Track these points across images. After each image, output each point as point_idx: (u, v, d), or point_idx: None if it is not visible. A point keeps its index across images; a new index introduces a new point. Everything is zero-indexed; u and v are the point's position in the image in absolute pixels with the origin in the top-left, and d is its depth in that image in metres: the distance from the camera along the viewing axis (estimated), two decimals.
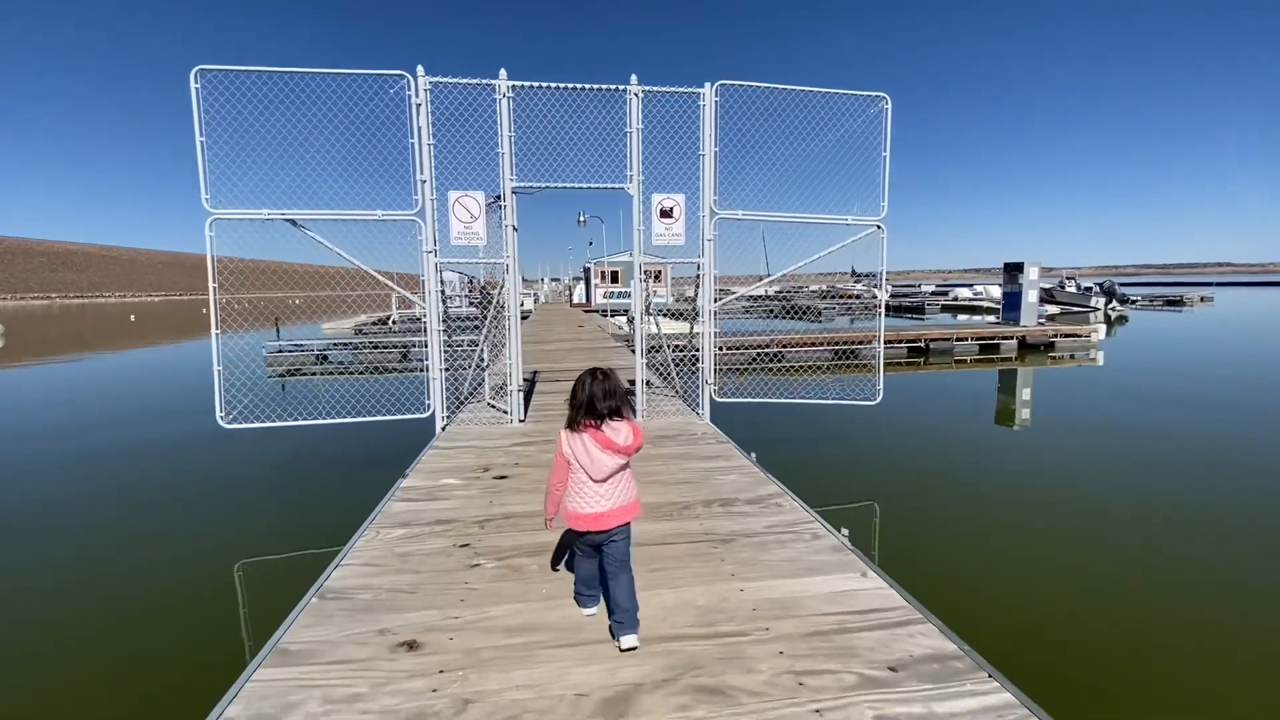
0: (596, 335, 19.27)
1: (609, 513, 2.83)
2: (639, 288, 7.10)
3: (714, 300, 7.26)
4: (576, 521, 2.85)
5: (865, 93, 7.24)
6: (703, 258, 7.21)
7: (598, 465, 2.81)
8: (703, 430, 6.79)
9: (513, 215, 6.83)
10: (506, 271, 6.91)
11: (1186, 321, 34.23)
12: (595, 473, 2.81)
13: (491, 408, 7.95)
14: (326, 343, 19.91)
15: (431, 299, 6.81)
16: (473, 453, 6.02)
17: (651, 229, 7.03)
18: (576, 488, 2.85)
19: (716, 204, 7.11)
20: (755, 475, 5.18)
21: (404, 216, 6.68)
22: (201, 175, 6.32)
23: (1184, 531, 6.32)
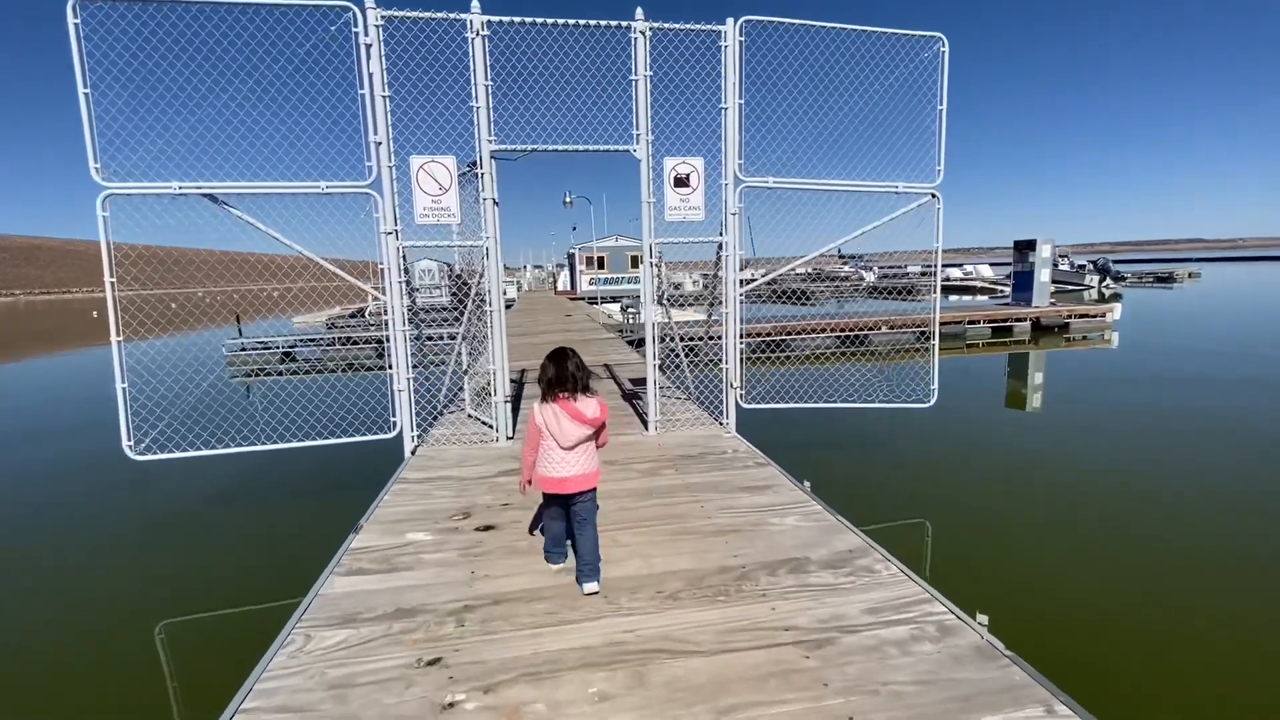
0: (586, 325, 17.94)
1: (573, 478, 3.13)
2: (650, 272, 5.81)
3: (739, 285, 6.00)
4: (545, 484, 3.17)
5: (917, 32, 5.97)
6: (725, 235, 5.93)
7: (566, 434, 3.10)
8: (733, 447, 5.56)
9: (492, 186, 5.49)
10: (486, 256, 5.58)
11: (1182, 298, 33.72)
12: (563, 440, 3.10)
13: (473, 420, 6.66)
14: (293, 339, 18.39)
15: (393, 291, 5.47)
16: (449, 488, 4.73)
17: (664, 202, 5.73)
18: (545, 454, 3.15)
19: (742, 169, 5.82)
20: (821, 518, 3.97)
21: (355, 189, 5.31)
22: (89, 139, 4.90)
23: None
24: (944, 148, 6.12)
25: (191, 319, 5.81)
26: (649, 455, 5.38)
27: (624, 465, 5.12)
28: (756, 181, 5.85)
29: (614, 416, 6.82)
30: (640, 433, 6.10)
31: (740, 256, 5.96)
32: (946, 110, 6.08)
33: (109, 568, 5.73)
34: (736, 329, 6.04)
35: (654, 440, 5.84)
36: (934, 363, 6.51)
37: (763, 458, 5.21)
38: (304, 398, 6.37)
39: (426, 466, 5.24)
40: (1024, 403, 11.27)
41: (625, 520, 4.01)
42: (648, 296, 5.85)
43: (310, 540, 5.86)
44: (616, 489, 4.58)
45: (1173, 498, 6.64)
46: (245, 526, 6.42)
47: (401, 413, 5.63)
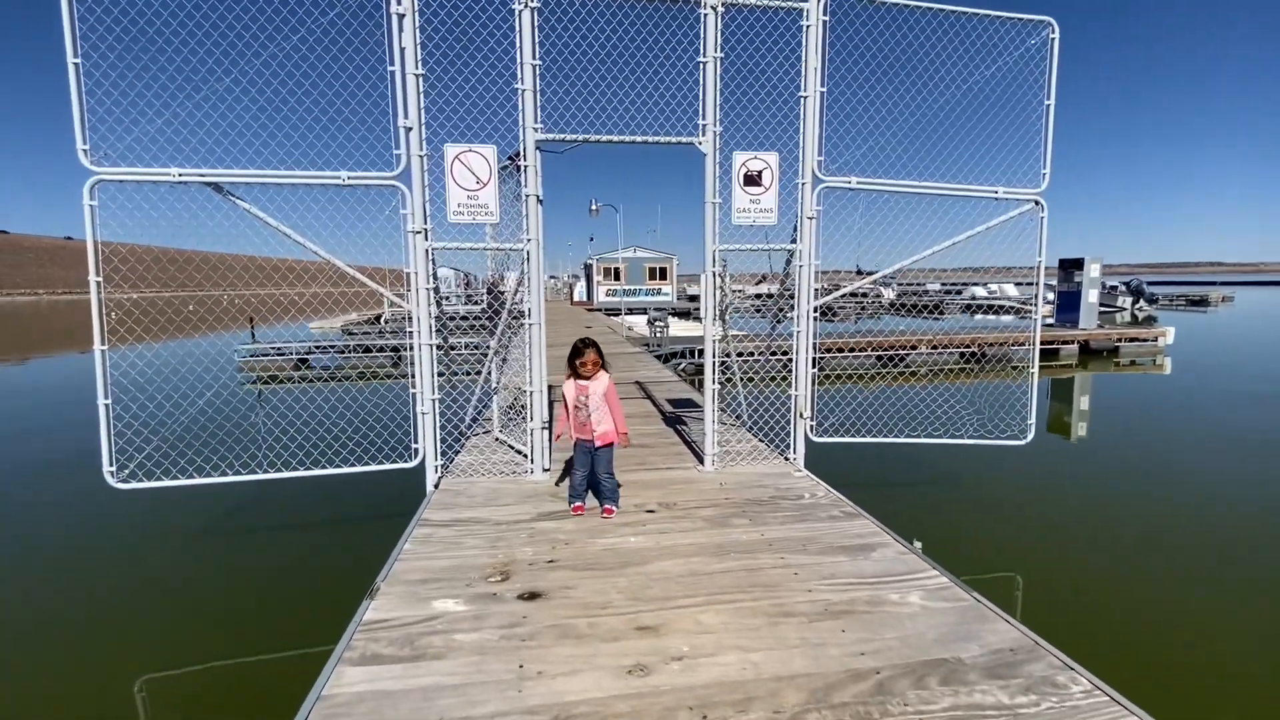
0: (609, 338, 17.20)
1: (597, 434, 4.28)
2: (712, 283, 5.04)
3: (812, 298, 5.22)
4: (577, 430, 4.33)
5: (1024, 16, 5.21)
6: (800, 243, 5.16)
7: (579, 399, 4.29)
8: (809, 489, 4.75)
9: (536, 181, 4.77)
10: (527, 260, 4.85)
11: (1221, 322, 32.47)
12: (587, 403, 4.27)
13: (502, 444, 5.90)
14: (307, 345, 17.82)
15: (420, 299, 4.74)
16: (481, 534, 3.96)
17: (731, 202, 4.98)
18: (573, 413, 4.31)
19: (822, 167, 5.07)
20: (955, 596, 3.15)
21: (380, 181, 4.61)
22: (77, 116, 4.24)
23: None
24: (1050, 148, 5.34)
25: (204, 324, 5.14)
26: (710, 498, 4.58)
27: (684, 511, 4.33)
28: (838, 181, 5.09)
29: (658, 446, 6.04)
30: (695, 468, 5.31)
31: (815, 268, 5.18)
32: (1054, 106, 5.30)
33: (85, 612, 5.00)
34: (809, 351, 5.25)
35: (713, 478, 5.04)
36: (1033, 394, 5.68)
37: (850, 505, 4.40)
38: (315, 413, 5.64)
39: (453, 504, 4.47)
40: (1081, 432, 10.34)
41: (702, 590, 3.22)
42: (708, 311, 5.09)
43: (316, 583, 5.12)
44: (682, 543, 3.79)
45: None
46: (242, 565, 5.64)
47: (425, 439, 4.88)
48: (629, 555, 3.63)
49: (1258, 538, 6.15)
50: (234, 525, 6.37)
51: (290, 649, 4.37)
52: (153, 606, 4.99)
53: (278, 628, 4.58)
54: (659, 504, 4.44)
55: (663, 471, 5.23)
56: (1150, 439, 9.85)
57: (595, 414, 4.26)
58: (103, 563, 5.71)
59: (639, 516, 4.22)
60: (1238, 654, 4.34)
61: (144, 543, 6.07)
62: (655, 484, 4.89)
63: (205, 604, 4.97)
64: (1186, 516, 6.74)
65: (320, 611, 4.28)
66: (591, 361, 4.29)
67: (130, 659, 4.43)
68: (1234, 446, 9.14)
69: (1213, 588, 5.23)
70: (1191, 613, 4.88)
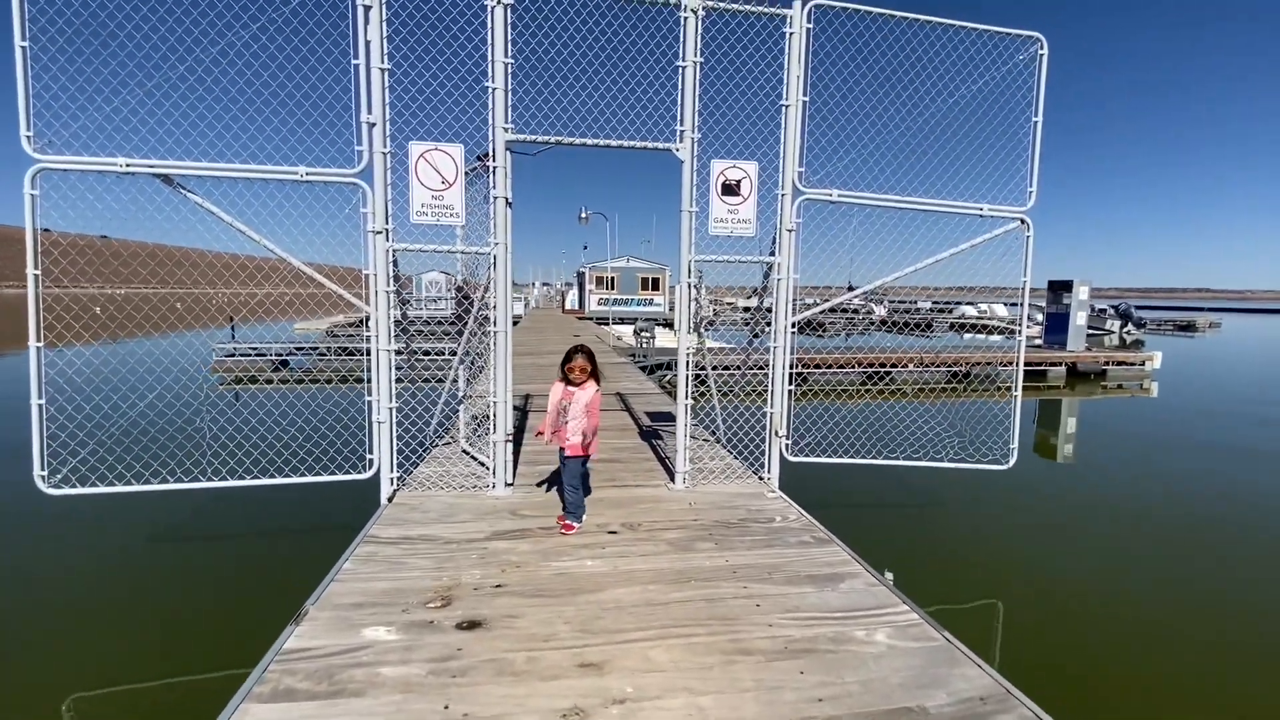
0: (596, 347, 16.99)
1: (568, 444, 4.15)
2: (688, 294, 4.86)
3: (790, 312, 5.04)
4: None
5: (1012, 30, 5.10)
6: (779, 255, 4.99)
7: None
8: (781, 511, 4.54)
9: (505, 183, 4.58)
10: (494, 264, 4.65)
11: (1209, 347, 32.68)
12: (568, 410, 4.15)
13: (467, 457, 5.67)
14: (287, 346, 17.52)
15: (379, 301, 4.53)
16: (429, 554, 3.72)
17: (708, 211, 4.81)
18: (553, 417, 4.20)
19: (802, 179, 4.91)
20: (925, 635, 2.94)
21: (340, 177, 4.41)
22: (22, 101, 4.02)
23: None
24: (1038, 166, 5.22)
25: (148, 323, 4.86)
26: (678, 518, 4.37)
27: (648, 533, 4.11)
28: (818, 194, 4.94)
29: (630, 461, 5.83)
30: (665, 485, 5.10)
31: (794, 281, 5.01)
32: (1042, 123, 5.18)
33: (13, 625, 4.71)
34: (785, 367, 5.07)
35: (683, 497, 4.83)
36: (1016, 417, 5.52)
37: (822, 530, 4.20)
38: (279, 417, 5.38)
39: (404, 520, 4.23)
40: (1068, 454, 10.21)
41: (656, 622, 3.00)
42: (683, 322, 4.90)
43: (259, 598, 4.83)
44: (641, 569, 3.57)
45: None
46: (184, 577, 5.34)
47: (380, 449, 4.65)
48: (583, 581, 3.41)
49: (1250, 567, 6.00)
50: (180, 534, 6.06)
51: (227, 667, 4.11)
52: (86, 620, 4.70)
53: (215, 646, 4.31)
54: (623, 524, 4.23)
55: (632, 489, 5.02)
56: (1137, 464, 9.73)
57: (573, 422, 4.14)
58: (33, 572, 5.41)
59: (599, 538, 4.00)
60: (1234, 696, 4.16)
61: (78, 552, 5.75)
62: (622, 502, 4.68)
63: (141, 618, 4.69)
64: (1174, 544, 6.59)
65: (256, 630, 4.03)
66: (579, 368, 4.19)
67: (60, 676, 4.17)
68: (1224, 471, 9.03)
69: (1206, 623, 5.06)
70: (1179, 649, 4.70)
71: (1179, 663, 4.54)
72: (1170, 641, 4.82)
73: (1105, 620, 5.10)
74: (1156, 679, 4.34)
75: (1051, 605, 5.36)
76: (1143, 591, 5.59)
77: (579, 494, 4.20)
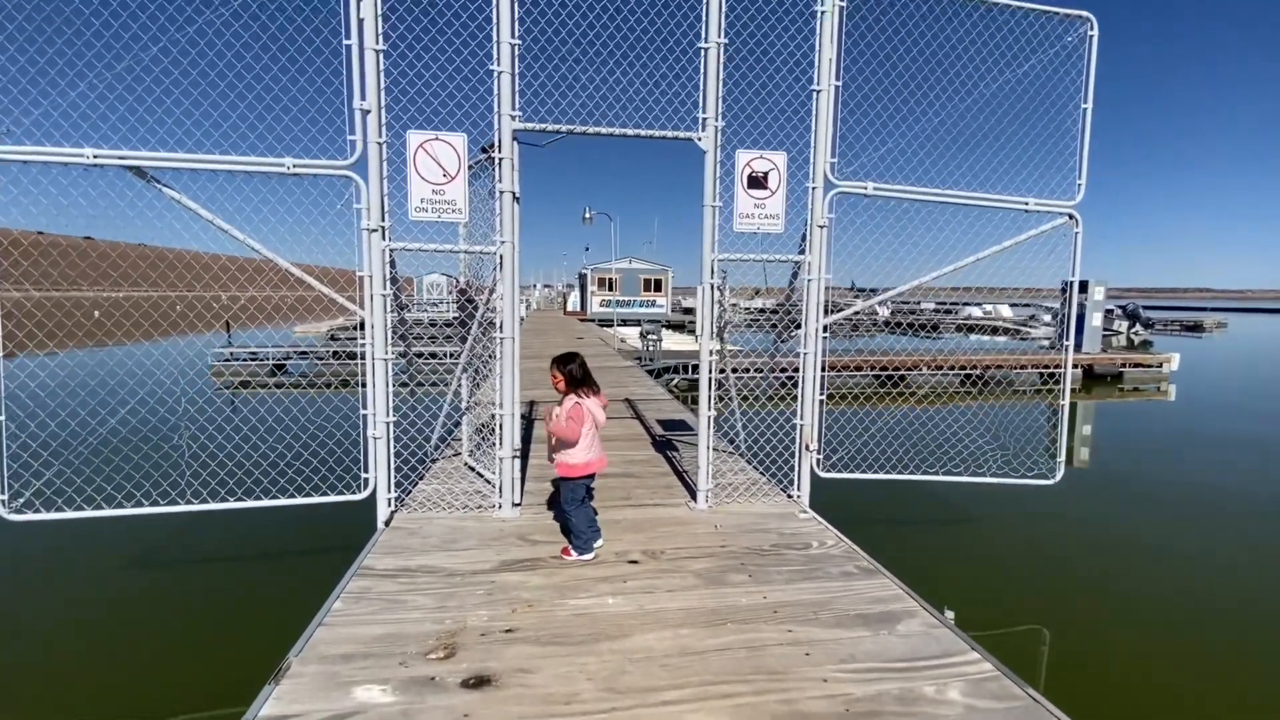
0: (600, 350, 16.60)
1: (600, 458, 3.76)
2: (709, 296, 4.44)
3: (822, 316, 4.64)
4: (590, 466, 3.70)
5: (1061, 10, 4.71)
6: (809, 254, 4.59)
7: (600, 419, 3.75)
8: (817, 535, 4.14)
9: (513, 176, 4.18)
10: (499, 265, 4.24)
11: (1219, 348, 32.26)
12: (600, 423, 3.75)
13: (470, 471, 5.27)
14: (285, 350, 17.13)
15: (375, 306, 4.13)
16: (430, 589, 3.32)
17: (734, 206, 4.41)
18: (588, 441, 3.67)
19: (835, 170, 4.51)
20: (1006, 694, 2.53)
21: (332, 170, 4.01)
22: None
23: None
24: (1086, 157, 4.82)
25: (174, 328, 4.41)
26: (704, 544, 3.96)
27: (673, 562, 3.70)
28: (852, 187, 4.53)
29: (646, 476, 5.42)
30: (686, 504, 4.69)
31: (825, 282, 4.61)
32: (1091, 110, 4.79)
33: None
34: (816, 376, 4.66)
35: (706, 518, 4.43)
36: (1062, 428, 5.11)
37: (865, 558, 3.79)
38: (263, 431, 4.97)
39: (402, 547, 3.83)
40: (1101, 462, 9.79)
41: (692, 677, 2.59)
42: (705, 326, 4.49)
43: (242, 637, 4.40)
44: (670, 608, 3.16)
45: None
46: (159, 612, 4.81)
47: (376, 467, 4.25)
48: (605, 624, 3.00)
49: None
50: (155, 560, 5.57)
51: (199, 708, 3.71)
52: (42, 667, 4.27)
53: (188, 697, 3.88)
54: (643, 552, 3.82)
55: (650, 509, 4.61)
56: (1174, 470, 9.31)
57: (555, 436, 3.70)
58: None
59: (619, 569, 3.60)
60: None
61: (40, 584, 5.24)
62: (641, 524, 4.27)
63: (106, 663, 4.25)
64: (1229, 561, 6.18)
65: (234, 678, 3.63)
66: (552, 376, 3.76)
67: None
68: (1261, 474, 8.62)
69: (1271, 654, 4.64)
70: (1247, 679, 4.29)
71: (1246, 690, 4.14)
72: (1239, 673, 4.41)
73: (1169, 650, 4.69)
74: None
75: (1103, 631, 4.96)
76: (1204, 617, 5.18)
77: (568, 517, 3.75)
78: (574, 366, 3.71)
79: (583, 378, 3.71)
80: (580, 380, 3.70)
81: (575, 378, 3.70)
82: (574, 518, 3.72)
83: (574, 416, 3.63)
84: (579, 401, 3.68)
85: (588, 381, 3.74)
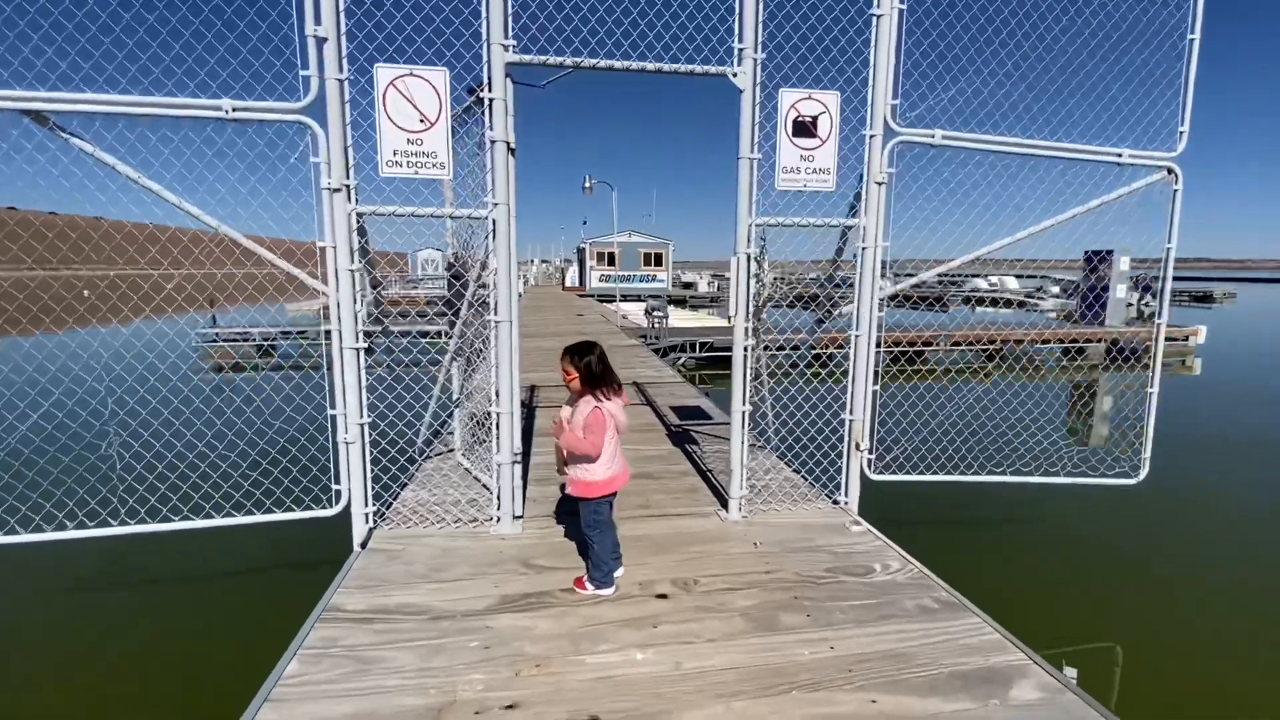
0: (602, 327, 15.86)
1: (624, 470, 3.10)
2: (745, 269, 3.70)
3: (878, 290, 3.90)
4: (614, 483, 3.02)
5: None
6: (863, 215, 3.83)
7: (622, 422, 3.02)
8: (876, 555, 3.46)
9: (507, 122, 3.40)
10: (492, 233, 3.49)
11: (1231, 320, 31.58)
12: (623, 428, 3.04)
13: (464, 475, 4.58)
14: (274, 331, 16.36)
15: (342, 285, 3.38)
16: (412, 643, 2.64)
17: (777, 159, 3.64)
18: (611, 451, 2.99)
19: (896, 115, 3.73)
20: None
21: (280, 114, 3.23)
22: None
23: None
24: (1190, 98, 4.04)
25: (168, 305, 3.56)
26: (745, 569, 3.29)
27: (710, 595, 3.03)
28: (917, 135, 3.76)
29: (665, 476, 4.75)
30: (717, 513, 4.02)
31: (883, 250, 3.86)
32: (1198, 43, 3.99)
33: None
34: (870, 362, 3.95)
35: (742, 531, 3.76)
36: (1149, 420, 4.42)
37: (941, 586, 3.12)
38: (220, 426, 4.26)
39: (380, 580, 3.15)
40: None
41: None
42: (739, 305, 3.75)
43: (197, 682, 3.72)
44: (715, 665, 2.49)
45: None
46: (70, 669, 3.93)
47: (350, 477, 3.55)
48: (635, 691, 2.33)
49: None
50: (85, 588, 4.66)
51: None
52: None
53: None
54: (673, 582, 3.15)
55: (674, 519, 3.94)
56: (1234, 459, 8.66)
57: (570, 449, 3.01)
58: None
59: (646, 607, 2.93)
60: None
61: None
62: (666, 543, 3.60)
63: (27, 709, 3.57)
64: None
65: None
66: (563, 371, 3.01)
67: None
68: None
69: None
70: None
71: None
72: None
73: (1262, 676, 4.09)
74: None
75: (1185, 651, 4.36)
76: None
77: (587, 538, 3.06)
78: (593, 359, 2.96)
79: (603, 373, 2.97)
80: (601, 377, 2.96)
81: (595, 374, 2.94)
82: (597, 543, 3.04)
83: (594, 425, 2.91)
84: (598, 405, 2.94)
85: (608, 378, 2.99)
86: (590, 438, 2.91)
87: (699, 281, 42.91)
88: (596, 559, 3.04)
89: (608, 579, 3.05)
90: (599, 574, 3.04)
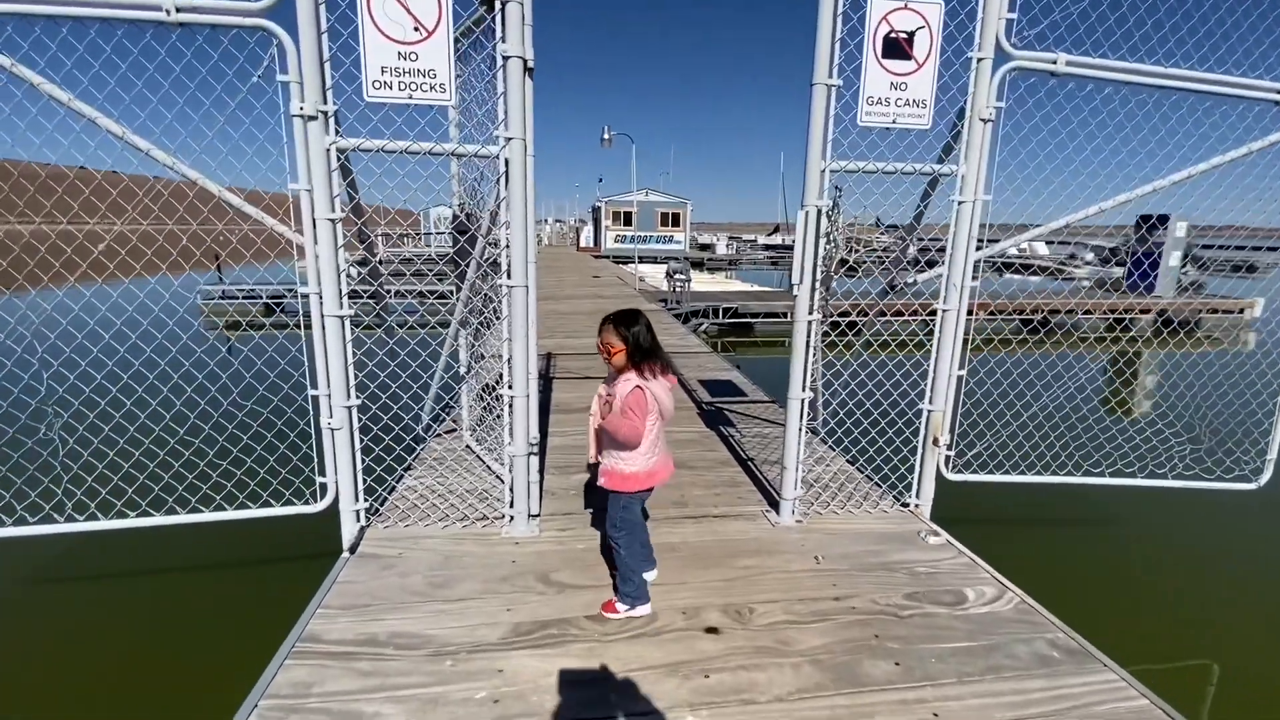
0: (620, 290, 15.18)
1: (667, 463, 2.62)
2: (814, 225, 3.01)
3: (973, 252, 3.21)
4: (651, 478, 2.53)
5: None
6: (962, 162, 3.10)
7: (668, 408, 2.52)
8: (966, 578, 2.87)
9: (522, 35, 2.69)
10: (504, 176, 2.82)
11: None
12: (668, 414, 2.54)
13: (471, 456, 4.03)
14: (279, 289, 15.83)
15: (322, 238, 2.75)
16: (405, 688, 2.10)
17: (861, 87, 2.91)
18: (652, 439, 2.50)
19: (1012, 32, 2.97)
20: None
21: (235, 18, 2.54)
22: None
23: None
24: None
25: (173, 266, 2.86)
26: (809, 592, 2.72)
27: (770, 626, 2.47)
28: (1036, 60, 3.00)
29: (701, 466, 4.16)
30: (764, 514, 3.44)
31: (983, 204, 3.15)
32: None
33: None
34: (958, 343, 3.28)
35: (798, 540, 3.17)
36: (1278, 424, 3.73)
37: (1055, 625, 2.52)
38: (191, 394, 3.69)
39: (371, 595, 2.61)
40: None
41: None
42: (805, 272, 3.08)
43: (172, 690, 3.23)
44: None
45: None
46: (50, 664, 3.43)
47: (337, 469, 2.99)
48: None
49: None
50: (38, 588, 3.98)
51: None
52: None
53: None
54: (724, 610, 2.58)
55: (716, 522, 3.37)
56: None
57: (607, 433, 2.52)
58: None
59: (694, 646, 2.36)
60: None
61: None
62: (709, 553, 3.03)
63: None
64: None
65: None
66: (604, 344, 2.47)
67: None
68: None
69: None
70: None
71: None
72: None
73: None
74: None
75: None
76: None
77: (616, 543, 2.54)
78: (641, 330, 2.43)
79: (652, 348, 2.45)
80: (648, 353, 2.44)
81: (644, 348, 2.42)
82: (624, 547, 2.51)
83: (636, 407, 2.39)
84: (641, 385, 2.40)
85: (656, 354, 2.47)
86: (630, 421, 2.38)
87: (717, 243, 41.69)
88: (625, 569, 2.50)
89: (641, 593, 2.51)
90: (630, 588, 2.50)
